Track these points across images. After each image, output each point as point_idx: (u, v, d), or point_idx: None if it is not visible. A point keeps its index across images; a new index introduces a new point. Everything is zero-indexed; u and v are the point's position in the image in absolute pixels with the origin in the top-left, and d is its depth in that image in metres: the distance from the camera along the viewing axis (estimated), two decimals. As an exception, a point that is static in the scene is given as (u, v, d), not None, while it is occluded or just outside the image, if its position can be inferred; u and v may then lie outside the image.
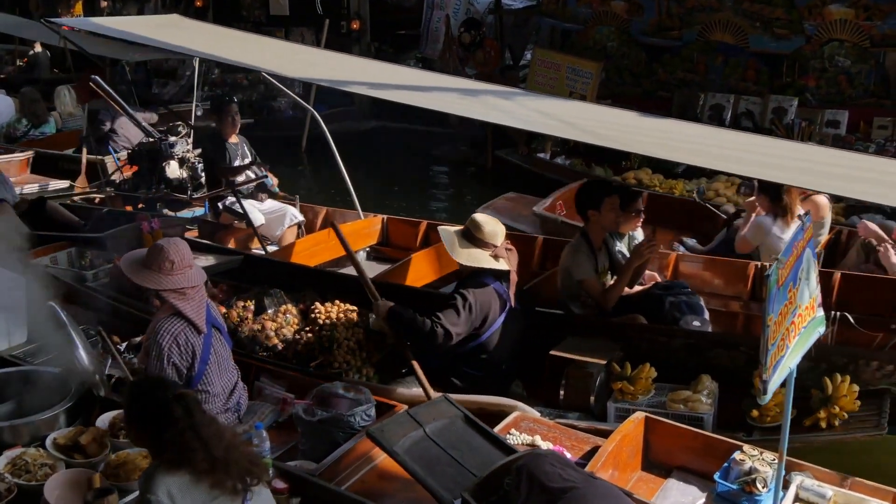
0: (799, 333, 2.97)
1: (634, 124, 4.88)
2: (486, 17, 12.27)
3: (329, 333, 4.75)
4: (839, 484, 3.40)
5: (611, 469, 3.56)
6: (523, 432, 3.90)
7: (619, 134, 4.69)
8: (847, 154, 5.16)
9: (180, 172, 7.45)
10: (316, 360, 4.70)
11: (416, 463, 3.29)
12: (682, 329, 4.97)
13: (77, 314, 5.06)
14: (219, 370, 3.93)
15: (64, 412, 3.64)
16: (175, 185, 7.41)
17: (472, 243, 4.55)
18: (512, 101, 5.17)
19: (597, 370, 4.56)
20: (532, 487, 2.81)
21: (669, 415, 4.20)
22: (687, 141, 4.60)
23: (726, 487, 3.38)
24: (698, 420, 4.19)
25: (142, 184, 7.53)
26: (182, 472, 2.67)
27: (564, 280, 5.17)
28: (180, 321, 3.80)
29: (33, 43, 15.01)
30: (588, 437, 3.90)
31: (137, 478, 3.29)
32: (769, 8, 9.97)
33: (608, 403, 4.47)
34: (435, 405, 3.71)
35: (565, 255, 5.20)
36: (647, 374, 4.51)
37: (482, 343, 4.50)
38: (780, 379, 2.90)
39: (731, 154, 4.40)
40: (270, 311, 5.06)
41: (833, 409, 4.12)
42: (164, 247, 3.84)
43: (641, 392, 4.47)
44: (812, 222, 5.87)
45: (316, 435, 3.74)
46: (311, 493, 3.26)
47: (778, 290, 2.76)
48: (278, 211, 7.32)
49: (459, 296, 4.44)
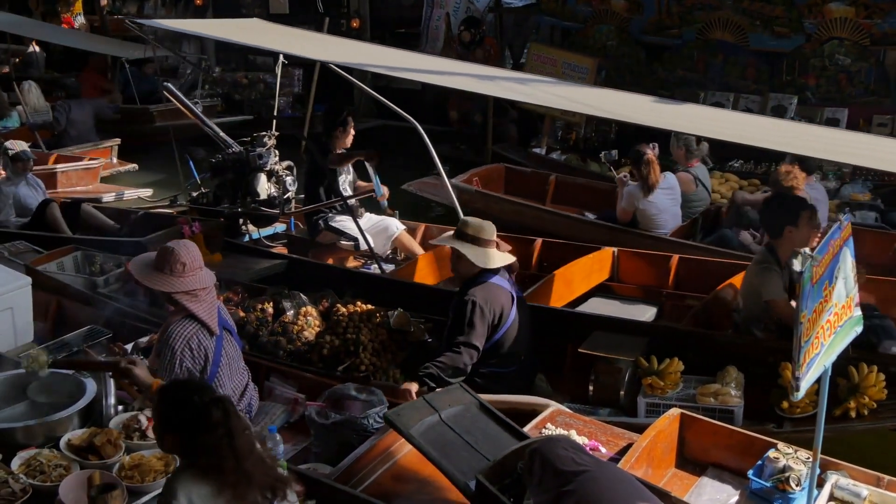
0: (835, 332, 2.96)
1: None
2: (485, 15, 12.26)
3: (354, 336, 4.74)
4: (875, 483, 3.39)
5: (645, 465, 3.58)
6: (559, 427, 3.93)
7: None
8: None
9: (269, 186, 6.92)
10: (343, 363, 4.69)
11: (432, 446, 3.33)
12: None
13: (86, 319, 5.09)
14: (230, 372, 3.94)
15: (78, 413, 3.63)
16: (263, 199, 6.87)
17: (479, 244, 4.55)
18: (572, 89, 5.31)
19: (626, 366, 4.65)
20: (545, 470, 2.84)
21: (700, 409, 4.25)
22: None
23: (760, 485, 3.39)
24: (729, 413, 4.26)
25: (225, 197, 7.02)
26: (207, 481, 2.65)
27: (749, 300, 4.93)
28: (193, 324, 3.79)
29: (29, 42, 14.98)
30: (623, 432, 3.92)
31: (152, 480, 3.31)
32: (769, 6, 9.96)
33: (638, 398, 4.55)
34: (450, 392, 3.76)
35: (752, 273, 4.93)
36: (675, 369, 4.58)
37: (500, 339, 4.51)
38: (815, 377, 2.89)
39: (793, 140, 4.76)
40: (290, 313, 5.00)
41: (862, 399, 4.17)
42: (175, 249, 3.82)
43: (671, 386, 4.54)
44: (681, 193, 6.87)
45: (329, 437, 3.74)
46: (327, 495, 3.26)
47: (812, 287, 2.76)
48: (379, 224, 6.82)
49: (469, 304, 4.42)
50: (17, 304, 4.64)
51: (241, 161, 6.89)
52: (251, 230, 6.94)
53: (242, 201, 6.82)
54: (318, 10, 12.45)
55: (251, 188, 6.81)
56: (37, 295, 4.94)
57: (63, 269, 5.95)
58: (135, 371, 3.45)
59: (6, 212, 7.35)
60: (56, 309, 5.25)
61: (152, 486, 3.28)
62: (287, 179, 6.95)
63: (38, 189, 7.70)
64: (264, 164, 6.86)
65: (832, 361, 3.01)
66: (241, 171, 6.88)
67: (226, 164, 7.01)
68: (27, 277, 4.85)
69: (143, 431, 3.61)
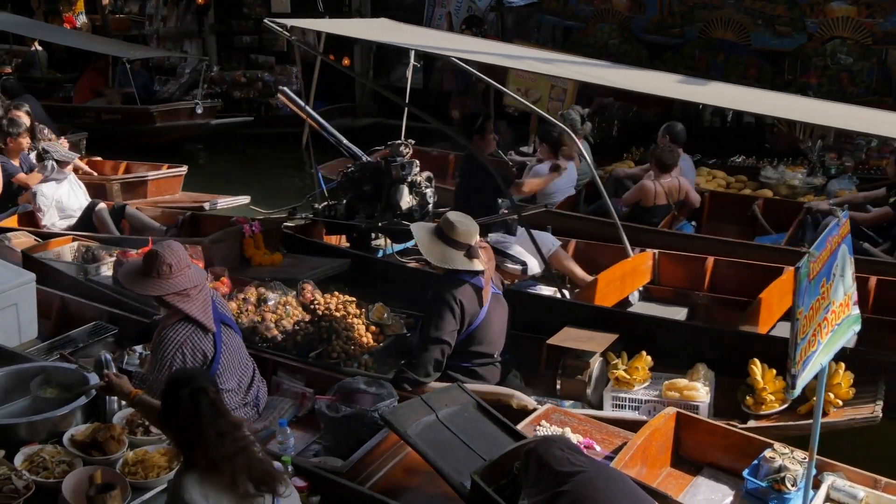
0: (832, 330, 2.95)
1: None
2: (487, 14, 12.26)
3: (328, 324, 4.81)
4: (872, 486, 3.39)
5: (639, 463, 3.57)
6: (553, 424, 3.94)
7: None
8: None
9: (410, 198, 6.43)
10: (315, 350, 4.75)
11: (428, 446, 3.33)
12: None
13: (84, 309, 5.12)
14: (232, 366, 3.93)
15: (81, 409, 3.62)
16: (404, 212, 6.38)
17: (446, 243, 4.47)
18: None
19: (593, 359, 4.62)
20: (540, 471, 2.84)
21: (665, 403, 4.25)
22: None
23: (755, 485, 3.38)
24: (694, 409, 4.23)
25: (361, 210, 6.57)
26: (201, 472, 2.64)
27: None
28: (186, 326, 3.78)
29: (31, 42, 14.99)
30: (619, 431, 3.91)
31: (155, 476, 3.30)
32: (771, 5, 9.98)
33: (604, 392, 4.53)
34: (448, 392, 3.76)
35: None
36: (643, 364, 4.56)
37: (471, 335, 4.47)
38: (811, 375, 2.89)
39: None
40: (271, 302, 5.10)
41: (827, 397, 4.13)
42: (159, 251, 3.81)
43: (638, 381, 4.51)
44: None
45: (339, 431, 3.74)
46: (331, 491, 3.26)
47: (809, 284, 2.75)
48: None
49: (439, 301, 4.39)
50: (21, 301, 4.64)
51: (380, 171, 6.45)
52: (385, 244, 6.55)
53: (382, 214, 6.38)
54: (319, 10, 12.45)
55: (392, 200, 6.34)
56: (42, 292, 4.95)
57: (60, 258, 6.02)
58: (113, 382, 3.44)
59: (49, 215, 7.08)
60: (60, 305, 5.24)
61: (156, 481, 3.27)
62: (427, 191, 6.51)
63: (79, 190, 7.42)
64: (406, 175, 6.39)
65: (829, 359, 3.01)
66: (379, 182, 6.44)
67: (363, 175, 6.55)
68: (31, 274, 4.86)
69: (147, 427, 3.61)
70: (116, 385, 3.42)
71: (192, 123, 12.03)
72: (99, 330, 4.82)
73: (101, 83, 12.73)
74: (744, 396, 4.39)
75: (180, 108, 12.12)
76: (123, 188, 8.47)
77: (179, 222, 7.08)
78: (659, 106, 9.94)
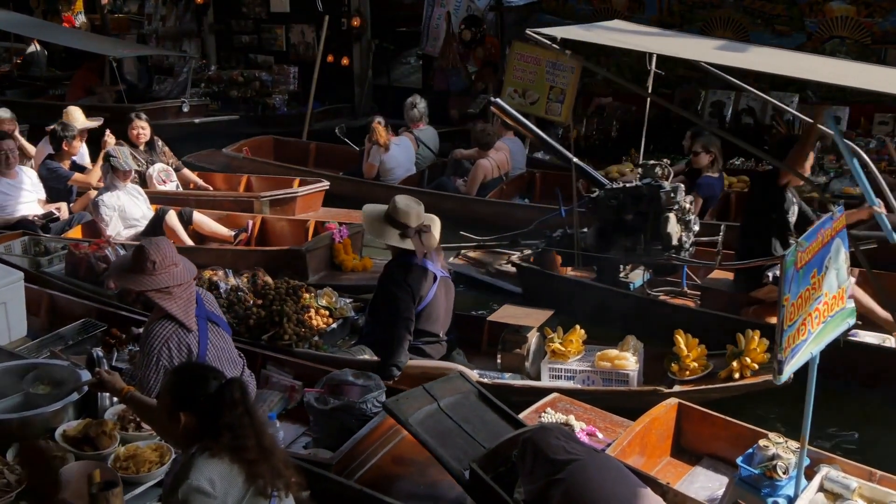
0: (824, 321, 2.97)
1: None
2: (486, 14, 12.23)
3: (279, 308, 5.03)
4: (867, 478, 3.42)
5: (637, 451, 3.62)
6: (559, 412, 4.05)
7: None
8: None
9: (678, 228, 5.75)
10: (268, 332, 4.98)
11: (429, 434, 3.37)
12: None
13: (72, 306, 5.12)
14: (220, 363, 3.92)
15: (73, 405, 3.63)
16: (672, 244, 5.72)
17: (386, 221, 4.78)
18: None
19: (531, 333, 4.97)
20: (536, 459, 2.91)
21: (598, 373, 4.67)
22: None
23: (748, 472, 3.42)
24: (624, 377, 4.64)
25: (617, 240, 5.86)
26: (226, 460, 2.63)
27: None
28: (171, 323, 3.79)
29: (30, 41, 14.98)
30: (623, 420, 4.04)
31: (147, 471, 3.29)
32: (770, 5, 9.97)
33: (542, 364, 4.87)
34: (450, 381, 3.82)
35: None
36: (577, 337, 4.94)
37: (419, 314, 4.72)
38: (800, 362, 2.92)
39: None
40: (223, 289, 5.34)
41: (745, 361, 4.45)
42: (145, 247, 3.85)
43: (573, 353, 4.88)
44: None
45: (329, 423, 3.77)
46: (320, 485, 3.27)
47: (796, 273, 2.77)
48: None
49: (392, 283, 4.70)
50: (10, 299, 4.65)
51: (642, 197, 5.76)
52: (635, 277, 5.96)
53: (646, 246, 5.71)
54: (319, 9, 12.45)
55: (661, 231, 5.65)
56: (29, 290, 4.96)
57: (11, 252, 6.11)
58: (105, 379, 3.42)
59: (114, 225, 6.78)
60: (49, 303, 5.24)
61: (147, 476, 3.28)
62: (690, 217, 5.82)
63: (140, 198, 7.13)
64: (676, 201, 5.68)
65: (820, 349, 3.03)
66: (641, 210, 5.75)
67: (620, 202, 5.80)
68: (19, 272, 4.88)
69: (138, 423, 3.60)
70: (108, 381, 3.41)
71: (177, 122, 11.99)
72: (88, 327, 4.82)
73: (94, 81, 12.71)
74: (669, 363, 4.71)
75: (167, 106, 12.10)
76: (271, 204, 7.81)
77: (249, 227, 7.12)
78: (657, 107, 9.92)
